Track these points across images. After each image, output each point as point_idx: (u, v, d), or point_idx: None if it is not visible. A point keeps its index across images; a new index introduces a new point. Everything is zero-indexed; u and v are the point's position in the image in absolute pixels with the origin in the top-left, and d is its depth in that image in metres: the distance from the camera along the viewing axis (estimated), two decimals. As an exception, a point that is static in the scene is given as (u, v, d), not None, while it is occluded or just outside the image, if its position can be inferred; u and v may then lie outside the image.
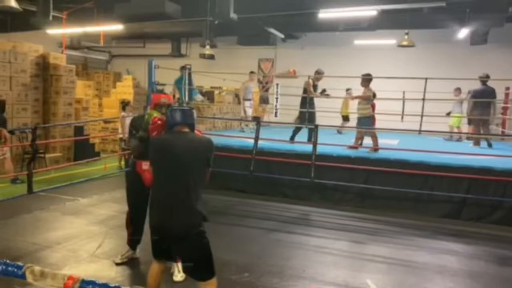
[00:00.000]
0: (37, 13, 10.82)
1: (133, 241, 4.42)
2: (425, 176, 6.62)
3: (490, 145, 9.20)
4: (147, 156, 3.27)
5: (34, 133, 6.25)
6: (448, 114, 10.94)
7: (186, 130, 3.05)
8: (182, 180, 2.85)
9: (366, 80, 7.86)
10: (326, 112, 9.36)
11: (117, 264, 4.31)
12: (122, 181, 7.99)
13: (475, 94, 9.47)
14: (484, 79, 9.35)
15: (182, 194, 2.83)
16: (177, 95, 9.63)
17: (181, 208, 2.82)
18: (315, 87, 8.75)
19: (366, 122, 7.80)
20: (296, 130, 8.47)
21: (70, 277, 1.55)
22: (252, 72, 11.11)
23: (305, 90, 8.57)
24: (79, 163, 8.61)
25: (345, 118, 11.90)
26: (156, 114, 3.95)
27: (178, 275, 4.01)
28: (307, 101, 8.55)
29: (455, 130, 10.85)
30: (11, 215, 5.75)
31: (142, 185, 4.05)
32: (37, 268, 1.64)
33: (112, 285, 1.47)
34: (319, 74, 8.73)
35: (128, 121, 9.23)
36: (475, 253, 5.15)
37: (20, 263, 1.74)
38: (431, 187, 6.59)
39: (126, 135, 9.29)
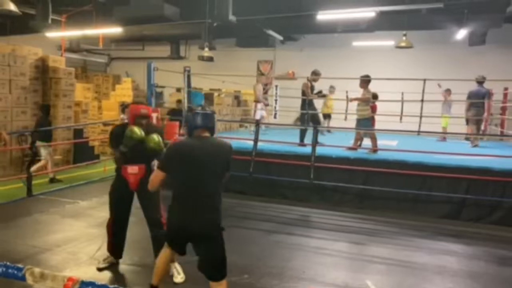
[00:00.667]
0: (36, 16, 10.87)
1: (115, 248, 4.33)
2: (424, 177, 6.64)
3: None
4: (133, 161, 3.89)
5: (33, 136, 6.24)
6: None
7: (207, 134, 3.10)
8: (207, 183, 2.98)
9: (365, 81, 7.87)
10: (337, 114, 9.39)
11: (100, 270, 4.24)
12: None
13: (470, 95, 9.53)
14: (480, 80, 9.41)
15: (206, 197, 2.97)
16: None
17: (206, 209, 2.97)
18: (312, 88, 8.76)
19: (365, 124, 7.82)
20: (303, 133, 8.44)
21: (69, 279, 1.57)
22: (262, 74, 11.03)
23: (303, 93, 8.59)
24: (79, 165, 8.62)
25: (326, 117, 11.74)
26: (136, 129, 3.90)
27: (178, 276, 4.03)
28: (306, 103, 8.57)
29: (445, 130, 10.89)
30: (11, 218, 5.76)
31: (127, 190, 4.10)
32: (37, 270, 1.65)
33: (111, 286, 1.48)
34: (316, 75, 8.75)
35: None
36: (475, 254, 5.16)
37: (20, 265, 1.75)
38: (430, 188, 6.60)
39: None
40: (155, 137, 3.93)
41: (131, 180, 4.07)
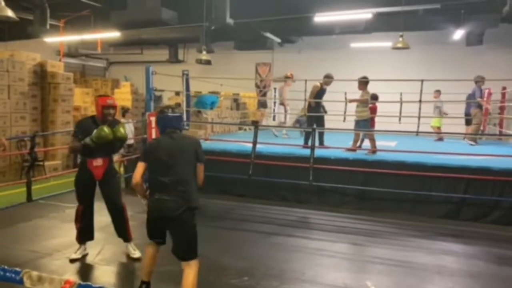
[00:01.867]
0: (34, 22, 10.91)
1: (83, 235, 4.66)
2: (423, 177, 6.64)
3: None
4: (96, 155, 4.41)
5: (33, 141, 6.25)
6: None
7: (177, 131, 3.55)
8: (177, 172, 3.34)
9: (363, 83, 7.88)
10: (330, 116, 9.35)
11: (72, 261, 4.50)
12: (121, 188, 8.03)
13: (468, 96, 9.62)
14: (477, 80, 9.50)
15: (177, 184, 3.32)
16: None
17: (178, 195, 3.31)
18: (323, 91, 8.71)
19: (364, 125, 7.83)
20: (308, 135, 8.41)
21: (67, 281, 1.57)
22: (287, 77, 10.85)
23: (311, 94, 8.60)
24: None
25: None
26: (106, 129, 4.30)
27: (135, 253, 4.61)
28: (311, 106, 8.57)
29: (437, 130, 10.89)
30: (10, 223, 5.77)
31: (91, 181, 4.52)
32: (34, 273, 1.66)
33: None
34: (328, 78, 8.67)
35: (128, 127, 9.31)
36: (474, 253, 5.16)
37: (18, 269, 1.76)
38: (429, 188, 6.60)
39: (132, 141, 9.36)
40: (121, 129, 4.48)
41: (96, 172, 4.49)
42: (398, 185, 6.62)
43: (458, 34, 11.72)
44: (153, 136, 7.57)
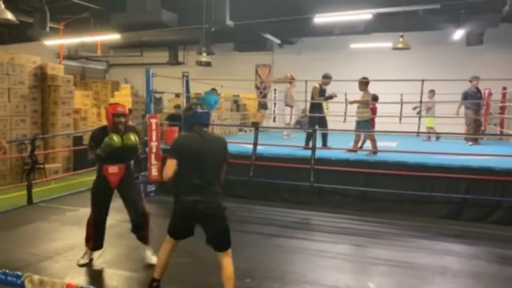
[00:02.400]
0: (34, 25, 10.90)
1: (96, 242, 4.58)
2: (424, 178, 6.63)
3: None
4: (111, 162, 4.35)
5: (33, 144, 6.25)
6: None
7: (205, 129, 3.55)
8: (208, 171, 3.39)
9: (364, 83, 7.88)
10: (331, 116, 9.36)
11: (81, 266, 4.46)
12: (122, 190, 8.03)
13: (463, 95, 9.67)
14: (471, 79, 9.62)
15: (209, 183, 3.39)
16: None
17: (210, 193, 3.38)
18: (323, 91, 8.71)
19: (365, 126, 7.82)
20: (309, 136, 8.41)
21: (68, 285, 1.56)
22: (292, 78, 10.80)
23: (312, 95, 8.60)
24: (78, 173, 8.61)
25: None
26: (115, 137, 4.26)
27: (153, 258, 4.43)
28: (314, 107, 8.57)
29: (431, 130, 10.87)
30: (11, 226, 5.75)
31: (108, 188, 4.47)
32: (36, 277, 1.65)
33: None
34: (327, 78, 8.68)
35: None
36: (476, 254, 5.15)
37: (19, 273, 1.75)
38: (430, 189, 6.59)
39: None
40: (132, 136, 4.36)
41: (112, 179, 4.46)
42: (399, 186, 6.62)
43: (458, 34, 11.72)
44: (154, 138, 7.58)
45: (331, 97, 8.93)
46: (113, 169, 4.43)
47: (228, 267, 3.49)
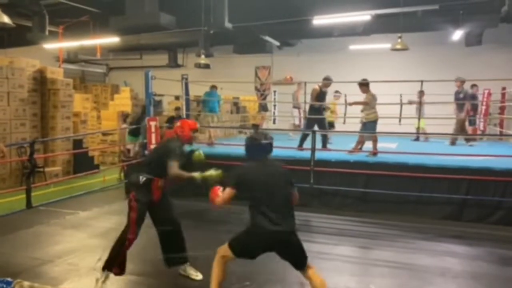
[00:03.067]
0: (33, 28, 10.90)
1: (122, 269, 4.11)
2: (424, 179, 6.62)
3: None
4: (163, 175, 4.09)
5: (32, 148, 6.24)
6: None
7: (268, 158, 3.59)
8: (281, 198, 3.42)
9: (365, 85, 7.89)
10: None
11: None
12: (121, 193, 8.02)
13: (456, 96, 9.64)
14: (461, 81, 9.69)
15: (283, 207, 3.42)
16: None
17: (288, 217, 3.42)
18: (323, 94, 8.70)
19: (371, 126, 7.79)
20: (304, 137, 8.41)
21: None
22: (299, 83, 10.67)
23: (311, 97, 8.59)
24: (78, 176, 8.61)
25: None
26: (200, 152, 4.43)
27: (198, 274, 4.29)
28: (312, 108, 8.56)
29: (422, 131, 10.82)
30: (11, 230, 5.74)
31: (150, 203, 4.14)
32: (26, 283, 1.64)
33: None
34: (327, 80, 8.68)
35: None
36: (477, 254, 5.14)
37: (9, 279, 1.74)
38: (430, 189, 6.57)
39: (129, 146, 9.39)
40: (201, 152, 4.51)
41: (157, 193, 4.18)
42: (400, 187, 6.61)
43: (457, 34, 11.72)
44: (153, 141, 7.57)
45: (323, 108, 8.91)
46: (161, 182, 4.16)
47: (316, 278, 3.46)
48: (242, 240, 3.55)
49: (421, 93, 10.44)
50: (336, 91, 11.19)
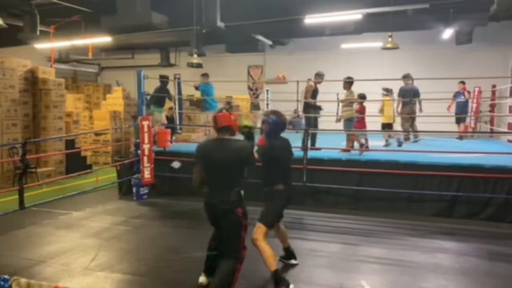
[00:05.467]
0: (24, 28, 10.83)
1: None
2: (416, 176, 6.68)
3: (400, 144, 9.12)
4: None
5: (24, 148, 6.21)
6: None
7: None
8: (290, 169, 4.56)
9: (348, 83, 8.04)
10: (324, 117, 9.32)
11: None
12: (114, 193, 8.02)
13: (403, 93, 9.62)
14: (408, 78, 9.67)
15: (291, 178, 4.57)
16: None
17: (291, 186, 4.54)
18: (316, 90, 8.72)
19: (348, 125, 7.91)
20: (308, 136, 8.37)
21: (56, 287, 1.58)
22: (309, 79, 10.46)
23: (305, 94, 8.61)
24: (71, 176, 8.59)
25: (386, 126, 9.94)
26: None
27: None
28: (309, 106, 8.57)
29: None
30: (3, 231, 5.72)
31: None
32: (23, 280, 1.66)
33: None
34: (319, 76, 8.69)
35: None
36: (467, 250, 5.20)
37: (6, 276, 1.75)
38: (422, 187, 6.65)
39: None
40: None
41: None
42: (392, 185, 6.66)
43: (448, 33, 11.82)
44: (146, 140, 7.57)
45: (320, 108, 8.88)
46: None
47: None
48: (275, 210, 4.47)
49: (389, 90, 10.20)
50: (384, 88, 10.13)
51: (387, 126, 9.76)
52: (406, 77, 9.66)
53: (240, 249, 3.73)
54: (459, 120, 10.86)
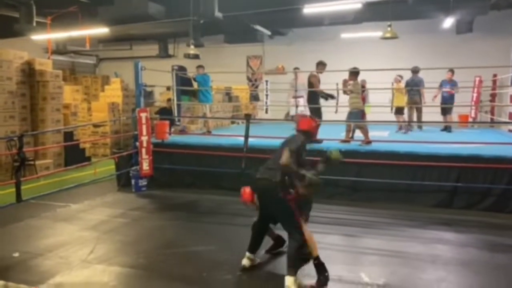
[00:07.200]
0: (20, 19, 10.74)
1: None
2: (415, 167, 6.64)
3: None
4: None
5: (21, 141, 6.17)
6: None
7: None
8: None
9: (354, 73, 7.89)
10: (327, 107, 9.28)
11: None
12: (113, 185, 7.99)
13: (409, 83, 9.63)
14: (415, 70, 9.70)
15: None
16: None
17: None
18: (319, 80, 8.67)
19: (356, 116, 7.80)
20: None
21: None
22: (296, 68, 9.94)
23: (311, 84, 8.51)
24: (68, 168, 8.56)
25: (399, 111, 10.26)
26: (337, 151, 4.53)
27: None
28: (313, 97, 8.50)
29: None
30: (1, 225, 5.69)
31: None
32: (1, 282, 1.62)
33: None
34: (322, 65, 8.62)
35: None
36: (467, 241, 5.18)
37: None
38: (421, 177, 6.61)
39: None
40: (339, 151, 4.62)
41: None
42: (391, 175, 6.63)
43: (448, 22, 11.72)
44: (144, 132, 7.52)
45: (332, 97, 8.84)
46: None
47: None
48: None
49: (363, 81, 10.02)
50: (398, 75, 10.39)
51: (399, 110, 10.02)
52: (415, 71, 9.70)
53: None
54: (444, 111, 10.37)
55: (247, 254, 4.33)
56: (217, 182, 7.55)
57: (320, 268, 4.02)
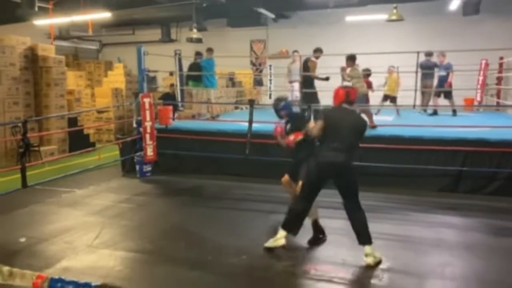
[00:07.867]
0: (22, 4, 10.67)
1: None
2: (420, 151, 6.61)
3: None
4: None
5: (25, 127, 6.18)
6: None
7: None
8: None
9: (350, 59, 7.87)
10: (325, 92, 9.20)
11: None
12: (117, 170, 8.01)
13: (423, 66, 9.52)
14: (428, 53, 9.66)
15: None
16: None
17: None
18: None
19: (361, 100, 7.74)
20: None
21: (39, 276, 1.54)
22: (295, 51, 9.91)
23: (308, 69, 8.46)
24: (73, 154, 8.57)
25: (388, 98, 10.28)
26: None
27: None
28: (308, 82, 8.47)
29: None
30: (7, 210, 5.72)
31: None
32: (5, 268, 1.62)
33: (81, 282, 1.45)
34: (320, 52, 8.59)
35: None
36: (472, 225, 5.17)
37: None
38: (426, 162, 6.57)
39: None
40: None
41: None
42: (396, 160, 6.59)
43: (455, 4, 11.53)
44: (147, 118, 7.51)
45: (327, 78, 8.79)
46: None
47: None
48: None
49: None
50: (391, 66, 10.35)
51: (390, 99, 10.05)
52: (429, 53, 9.68)
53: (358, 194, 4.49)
54: (445, 95, 9.95)
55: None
56: (221, 168, 7.55)
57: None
